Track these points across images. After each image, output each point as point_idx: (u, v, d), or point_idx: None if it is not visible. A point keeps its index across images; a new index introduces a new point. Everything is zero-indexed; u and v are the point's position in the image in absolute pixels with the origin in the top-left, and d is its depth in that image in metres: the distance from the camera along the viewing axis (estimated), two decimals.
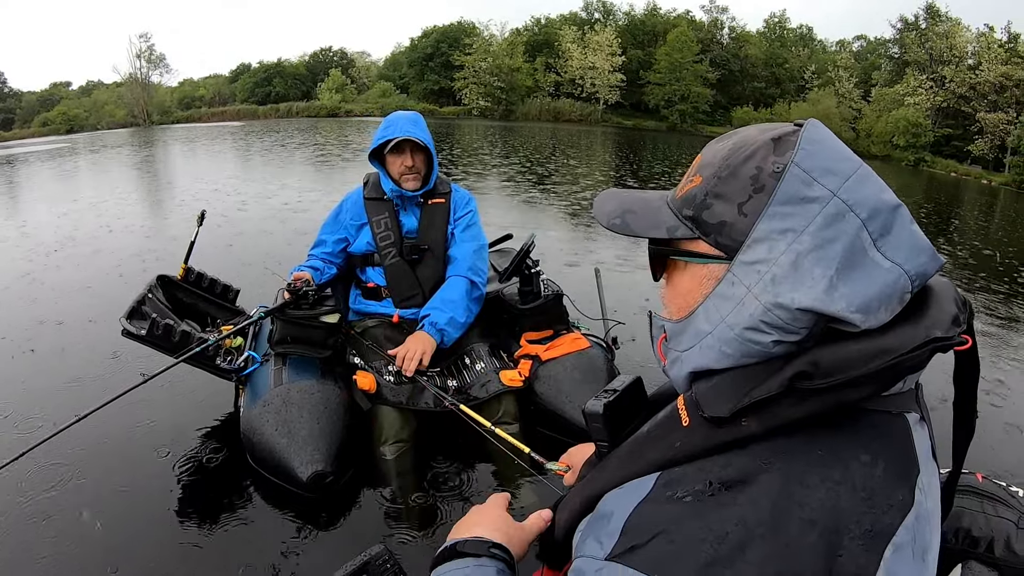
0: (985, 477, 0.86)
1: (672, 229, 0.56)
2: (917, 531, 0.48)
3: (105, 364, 2.69)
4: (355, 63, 45.15)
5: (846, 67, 37.18)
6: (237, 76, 43.14)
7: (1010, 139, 26.43)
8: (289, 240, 5.05)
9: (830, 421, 0.49)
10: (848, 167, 0.49)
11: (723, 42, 41.33)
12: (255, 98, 39.43)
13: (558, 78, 39.64)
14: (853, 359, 0.47)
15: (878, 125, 31.04)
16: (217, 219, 5.57)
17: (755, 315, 0.50)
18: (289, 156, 12.68)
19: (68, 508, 1.75)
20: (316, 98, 36.89)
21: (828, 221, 0.48)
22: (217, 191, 7.77)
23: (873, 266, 0.48)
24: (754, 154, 0.51)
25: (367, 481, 1.86)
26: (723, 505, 0.47)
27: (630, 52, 39.41)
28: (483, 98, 36.31)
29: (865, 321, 0.48)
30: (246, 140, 15.90)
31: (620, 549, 0.48)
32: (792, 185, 0.49)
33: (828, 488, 0.46)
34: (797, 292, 0.48)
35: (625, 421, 0.67)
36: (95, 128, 27.24)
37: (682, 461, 0.53)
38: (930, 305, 0.50)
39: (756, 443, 0.50)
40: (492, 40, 39.22)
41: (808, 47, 43.01)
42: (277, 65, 42.22)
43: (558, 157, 13.87)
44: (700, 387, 0.55)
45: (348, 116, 31.54)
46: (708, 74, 37.96)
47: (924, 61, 32.23)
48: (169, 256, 4.37)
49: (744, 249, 0.50)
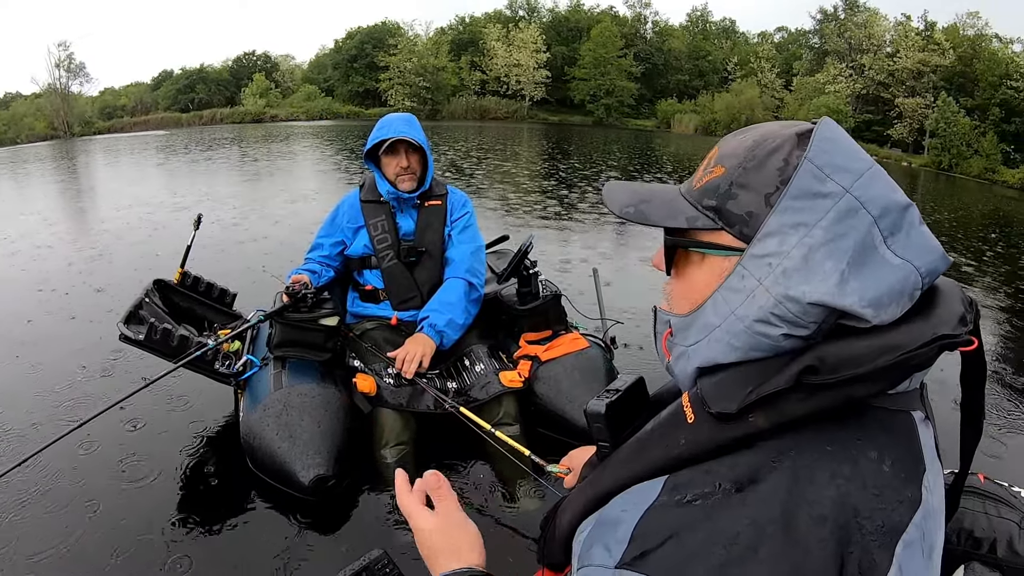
0: (987, 478, 0.86)
1: (692, 219, 0.55)
2: (926, 528, 0.48)
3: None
4: (279, 67, 44.09)
5: (768, 58, 38.22)
6: (159, 83, 41.57)
7: (928, 122, 27.43)
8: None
9: (837, 418, 0.49)
10: (860, 165, 0.49)
11: (647, 36, 41.96)
12: (178, 106, 38.09)
13: (483, 76, 39.59)
14: (861, 355, 0.47)
15: (800, 113, 31.66)
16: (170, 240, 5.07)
17: (765, 307, 0.50)
18: (218, 167, 11.69)
19: (67, 514, 1.74)
20: (240, 104, 35.94)
21: (840, 217, 0.48)
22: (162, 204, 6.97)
23: (883, 263, 0.48)
24: (780, 147, 0.51)
25: (368, 484, 1.86)
26: (733, 506, 0.46)
27: (554, 48, 39.61)
28: (409, 98, 35.91)
29: (876, 316, 0.48)
30: (173, 152, 14.34)
31: (630, 556, 0.47)
32: (805, 180, 0.49)
33: (838, 485, 0.46)
34: (808, 285, 0.48)
35: (627, 421, 0.67)
36: (14, 142, 25.67)
37: (688, 459, 0.52)
38: (938, 304, 0.50)
39: (763, 440, 0.49)
40: (417, 40, 39.00)
41: (731, 39, 43.91)
42: (200, 71, 40.91)
43: (487, 156, 13.69)
44: (705, 383, 0.54)
45: (273, 121, 30.85)
46: (632, 68, 38.40)
47: (843, 50, 33.37)
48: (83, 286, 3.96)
49: (755, 242, 0.50)
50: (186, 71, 41.15)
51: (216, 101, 38.14)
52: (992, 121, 25.29)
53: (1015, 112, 25.15)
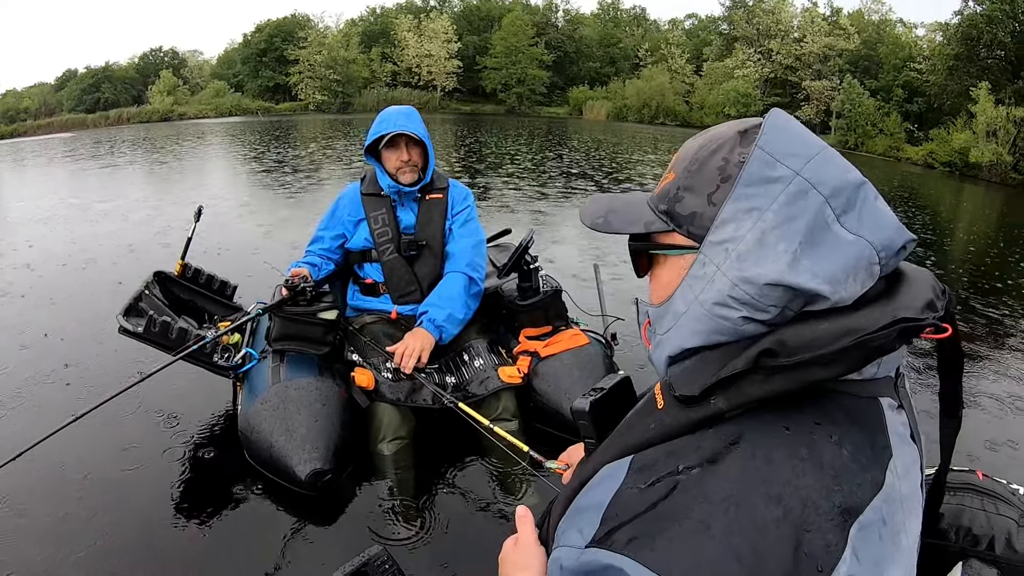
0: (986, 475, 0.86)
1: (649, 224, 0.59)
2: (887, 512, 0.48)
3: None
4: (187, 63, 42.89)
5: (678, 44, 38.93)
6: (63, 84, 40.23)
7: (834, 104, 28.54)
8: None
9: (799, 401, 0.51)
10: (810, 150, 0.51)
11: (558, 25, 42.24)
12: (83, 106, 36.61)
13: (395, 68, 39.42)
14: (820, 337, 0.48)
15: (710, 97, 32.65)
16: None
17: (723, 290, 0.52)
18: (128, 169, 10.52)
19: (63, 506, 1.74)
20: (148, 102, 34.80)
21: (791, 199, 0.50)
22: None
23: (836, 240, 0.50)
24: (721, 147, 0.54)
25: (365, 478, 1.86)
26: (692, 486, 0.48)
27: (466, 38, 39.51)
28: (319, 92, 35.50)
29: (834, 292, 0.49)
30: (81, 156, 12.58)
31: (599, 536, 0.50)
32: (757, 167, 0.51)
33: (794, 465, 0.47)
34: (761, 267, 0.50)
35: (613, 419, 0.68)
36: None
37: (656, 442, 0.54)
38: (900, 290, 0.52)
39: (724, 423, 0.51)
40: (327, 32, 38.45)
41: (642, 26, 44.28)
42: (105, 69, 39.52)
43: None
44: (674, 370, 0.58)
45: (182, 119, 29.76)
46: (544, 56, 38.50)
47: (752, 36, 34.26)
48: None
49: (712, 230, 0.53)
50: (91, 70, 39.84)
51: (122, 100, 37.04)
52: (896, 102, 26.65)
53: (917, 93, 26.54)
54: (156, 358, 1.94)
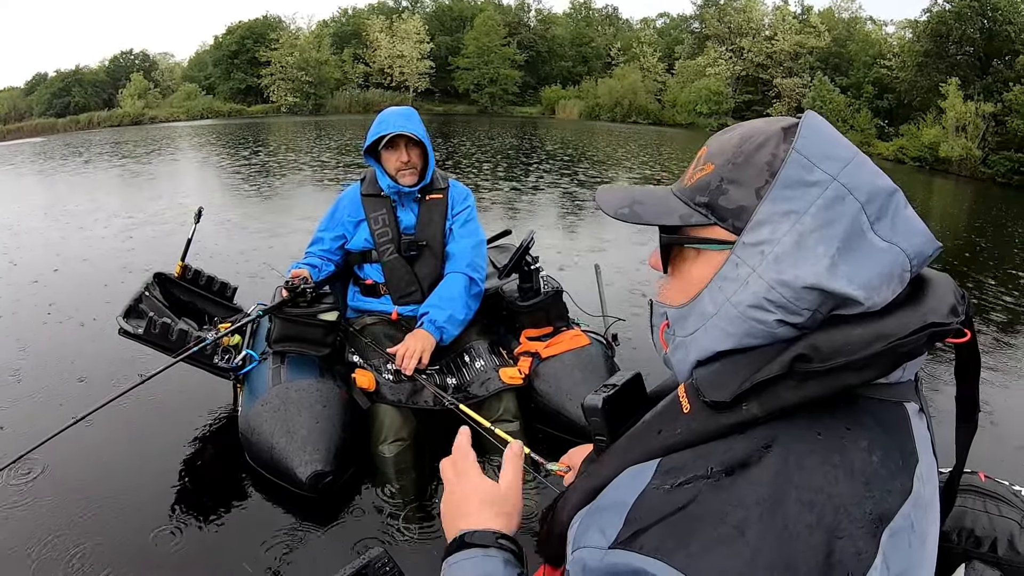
0: (988, 476, 0.86)
1: (686, 216, 0.56)
2: (915, 518, 0.48)
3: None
4: (158, 65, 42.53)
5: (650, 43, 39.45)
6: (33, 88, 39.90)
7: (805, 101, 29.12)
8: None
9: (830, 406, 0.50)
10: (846, 153, 0.51)
11: (530, 24, 42.46)
12: (53, 110, 36.23)
13: (367, 69, 39.34)
14: (852, 342, 0.48)
15: (682, 95, 33.01)
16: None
17: (759, 293, 0.51)
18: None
19: (63, 508, 1.74)
20: (118, 106, 34.34)
21: (829, 203, 0.49)
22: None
23: (871, 247, 0.50)
24: (767, 141, 0.53)
25: (366, 480, 1.86)
26: (723, 489, 0.47)
27: (438, 39, 39.59)
28: (291, 94, 35.37)
29: (868, 298, 0.49)
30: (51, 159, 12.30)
31: (623, 537, 0.49)
32: (793, 170, 0.50)
33: (826, 471, 0.46)
34: (800, 269, 0.49)
35: (624, 416, 0.67)
36: None
37: (683, 448, 0.53)
38: (928, 294, 0.52)
39: (756, 427, 0.50)
40: (299, 34, 38.31)
41: (614, 26, 44.82)
42: (75, 72, 39.11)
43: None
44: (701, 373, 0.56)
45: (153, 123, 29.21)
46: (516, 56, 38.62)
47: (723, 34, 34.93)
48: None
49: (747, 232, 0.52)
50: (61, 73, 39.50)
51: (93, 104, 36.53)
52: (866, 98, 27.32)
53: (887, 89, 27.17)
54: (156, 360, 1.94)
